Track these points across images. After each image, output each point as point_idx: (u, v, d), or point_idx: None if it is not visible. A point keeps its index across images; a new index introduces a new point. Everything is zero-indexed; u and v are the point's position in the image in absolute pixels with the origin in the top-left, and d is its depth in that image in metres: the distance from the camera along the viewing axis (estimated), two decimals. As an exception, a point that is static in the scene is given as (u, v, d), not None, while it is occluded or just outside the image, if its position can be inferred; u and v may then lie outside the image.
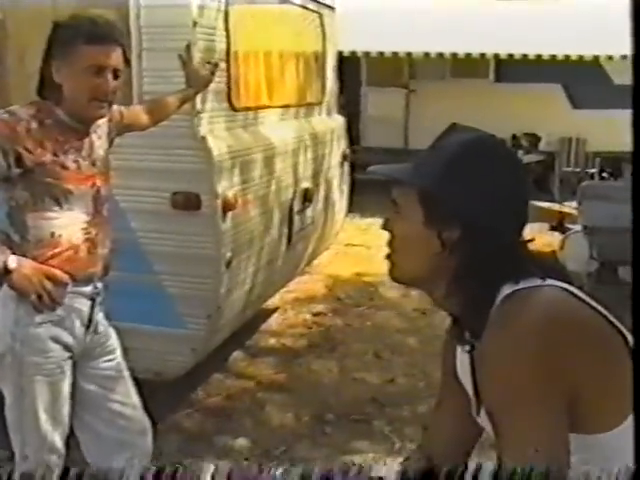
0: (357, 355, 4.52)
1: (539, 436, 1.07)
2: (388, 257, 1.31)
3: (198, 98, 2.88)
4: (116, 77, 2.04)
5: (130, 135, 2.62)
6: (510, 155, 1.30)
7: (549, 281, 1.21)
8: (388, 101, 10.40)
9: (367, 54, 9.58)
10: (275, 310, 5.26)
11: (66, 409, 2.19)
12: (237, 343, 4.48)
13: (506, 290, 1.20)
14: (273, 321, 5.10)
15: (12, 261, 1.95)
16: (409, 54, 9.33)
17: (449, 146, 1.24)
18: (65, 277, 2.05)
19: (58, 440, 2.19)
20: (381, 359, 4.43)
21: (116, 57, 2.03)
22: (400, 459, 2.24)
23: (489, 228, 1.20)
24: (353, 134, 9.96)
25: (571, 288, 1.22)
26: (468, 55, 9.00)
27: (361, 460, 3.22)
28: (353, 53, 9.16)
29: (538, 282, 1.20)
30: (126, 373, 2.36)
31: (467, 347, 1.26)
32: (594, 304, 1.21)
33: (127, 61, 2.11)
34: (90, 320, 2.19)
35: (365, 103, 10.81)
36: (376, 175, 1.33)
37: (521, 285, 1.19)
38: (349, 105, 10.51)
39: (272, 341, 4.74)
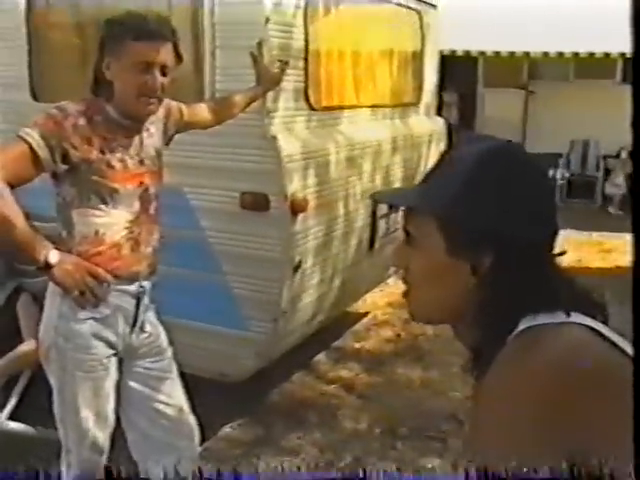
0: (443, 367, 4.33)
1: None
2: (405, 295, 1.16)
3: (269, 97, 2.82)
4: (164, 74, 2.02)
5: (201, 133, 2.61)
6: (532, 163, 1.12)
7: (574, 316, 1.04)
8: (505, 102, 10.00)
9: (482, 53, 9.24)
10: (365, 314, 5.17)
11: (110, 406, 2.19)
12: (323, 344, 4.43)
13: (524, 324, 1.04)
14: (362, 325, 5.00)
15: (54, 256, 1.96)
16: (527, 54, 8.91)
17: (464, 160, 1.08)
18: (107, 275, 2.04)
19: (101, 437, 2.19)
20: (467, 373, 4.21)
21: (165, 53, 2.00)
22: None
23: (523, 250, 1.04)
24: (467, 136, 9.69)
25: (600, 327, 1.03)
26: (591, 54, 8.47)
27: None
28: (467, 53, 8.86)
29: (561, 317, 1.03)
30: (175, 374, 2.34)
31: None
32: (627, 348, 1.02)
33: (179, 58, 2.08)
34: (135, 319, 2.17)
35: (481, 104, 10.46)
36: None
37: (540, 320, 1.03)
38: (464, 106, 10.25)
39: (357, 346, 4.65)
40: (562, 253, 1.12)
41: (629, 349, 1.02)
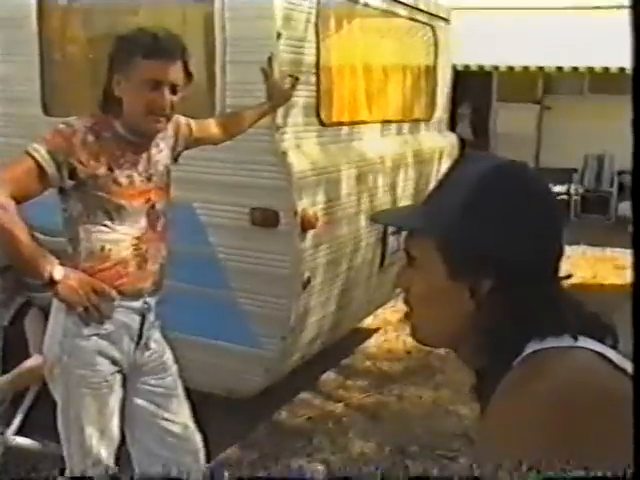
0: (455, 385, 4.27)
1: None
2: (407, 316, 1.14)
3: (280, 112, 2.81)
4: (174, 92, 2.00)
5: (211, 149, 2.60)
6: (536, 181, 1.09)
7: (582, 341, 1.00)
8: (520, 117, 9.96)
9: (496, 68, 9.22)
10: (376, 330, 5.12)
11: (114, 423, 2.17)
12: (332, 362, 4.39)
13: (530, 348, 1.00)
14: (372, 342, 4.96)
15: (58, 272, 1.95)
16: (541, 68, 8.87)
17: (464, 181, 1.05)
18: (112, 292, 2.02)
19: (105, 453, 2.17)
20: (473, 397, 4.15)
21: (174, 72, 1.99)
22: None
23: (526, 273, 1.01)
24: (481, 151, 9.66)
25: (608, 352, 1.00)
26: (606, 69, 8.43)
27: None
28: (481, 67, 8.84)
29: (568, 341, 1.00)
30: (180, 392, 2.32)
31: None
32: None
33: (189, 76, 2.06)
34: (140, 336, 2.15)
35: (495, 119, 10.43)
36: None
37: (546, 344, 0.99)
38: (478, 121, 10.22)
39: (367, 363, 4.60)
40: (568, 276, 1.09)
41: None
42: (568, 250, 1.13)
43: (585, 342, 1.00)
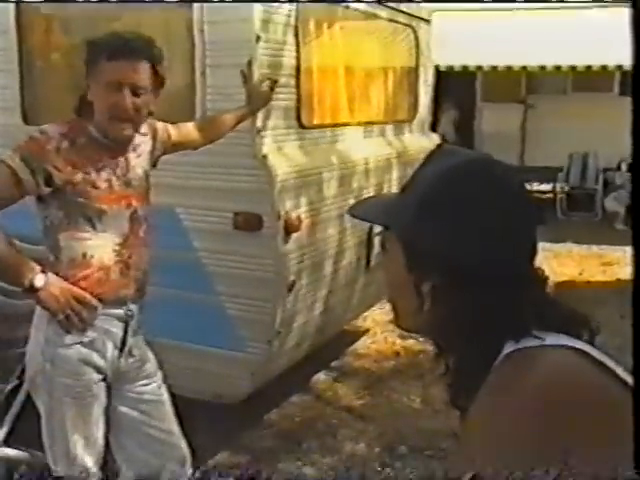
0: (443, 385, 4.27)
1: None
2: (389, 301, 1.16)
3: (260, 116, 2.81)
4: (137, 94, 1.98)
5: (193, 153, 2.59)
6: (507, 178, 1.07)
7: (560, 338, 1.00)
8: (504, 117, 10.02)
9: (480, 68, 9.26)
10: (365, 332, 5.12)
11: (99, 431, 2.16)
12: (322, 363, 4.38)
13: (507, 349, 1.00)
14: (361, 343, 4.96)
15: (39, 279, 1.94)
16: (524, 68, 8.92)
17: (430, 175, 1.05)
18: (93, 300, 2.01)
19: (90, 462, 2.15)
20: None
21: (136, 73, 1.97)
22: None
23: (481, 273, 1.00)
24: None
25: (587, 349, 1.00)
26: (588, 67, 8.48)
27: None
28: (465, 68, 8.88)
29: (546, 340, 0.99)
30: (165, 398, 2.31)
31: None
32: (615, 368, 0.98)
33: (158, 78, 2.03)
34: (123, 343, 2.14)
35: (479, 119, 10.47)
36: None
37: (523, 344, 0.99)
38: (462, 121, 10.25)
39: (357, 364, 4.60)
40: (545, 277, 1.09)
41: (618, 369, 0.98)
42: (555, 248, 1.13)
43: (564, 340, 1.00)
